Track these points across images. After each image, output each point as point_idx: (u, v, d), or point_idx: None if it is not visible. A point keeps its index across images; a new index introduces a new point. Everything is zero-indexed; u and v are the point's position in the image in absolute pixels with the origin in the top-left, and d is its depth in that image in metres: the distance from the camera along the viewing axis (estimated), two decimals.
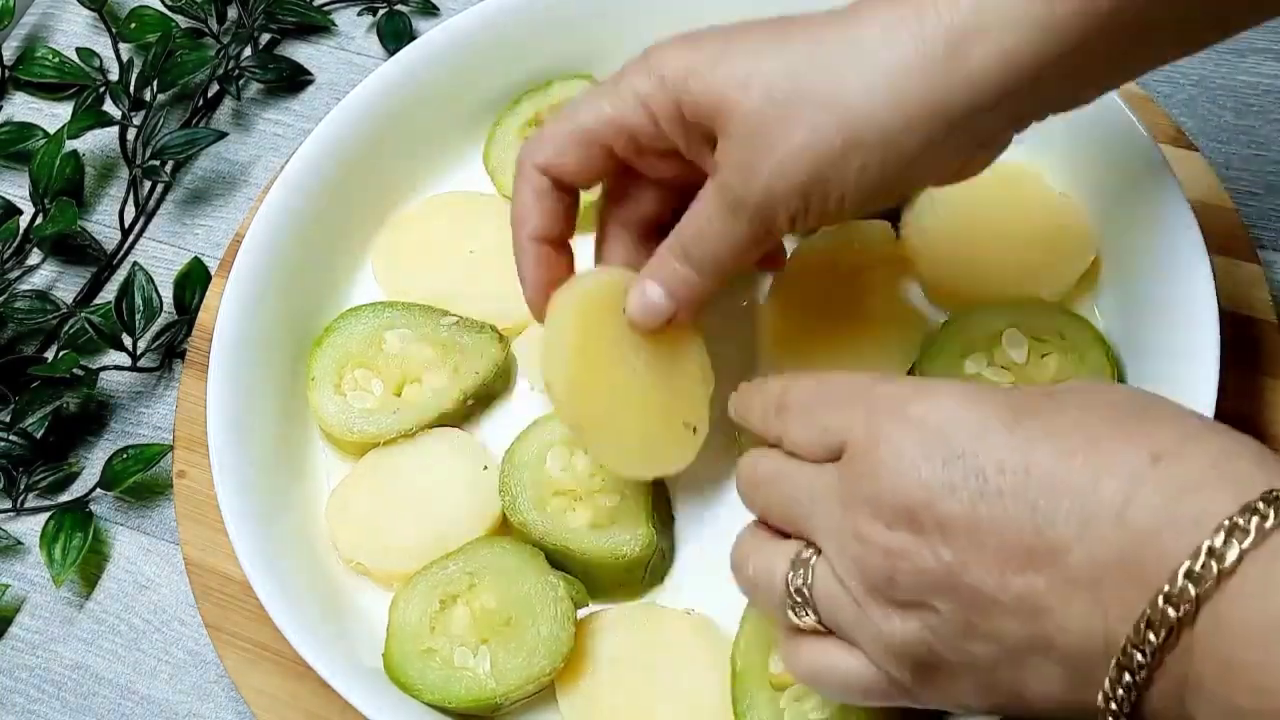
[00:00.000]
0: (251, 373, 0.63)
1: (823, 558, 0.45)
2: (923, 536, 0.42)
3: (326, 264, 0.68)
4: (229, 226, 0.77)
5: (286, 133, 0.80)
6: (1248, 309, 0.65)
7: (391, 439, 0.63)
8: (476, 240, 0.68)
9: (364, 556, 0.61)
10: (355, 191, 0.69)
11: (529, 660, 0.56)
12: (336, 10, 0.84)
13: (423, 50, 0.70)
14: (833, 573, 0.44)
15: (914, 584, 0.42)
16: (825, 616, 0.45)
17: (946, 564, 0.41)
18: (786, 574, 0.46)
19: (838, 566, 0.44)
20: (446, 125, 0.71)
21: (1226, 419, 0.55)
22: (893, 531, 0.42)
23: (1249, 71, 0.74)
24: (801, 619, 0.46)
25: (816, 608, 0.45)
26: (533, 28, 0.71)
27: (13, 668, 0.65)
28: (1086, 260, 0.63)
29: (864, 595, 0.43)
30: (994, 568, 0.41)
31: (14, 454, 0.69)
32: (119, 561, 0.67)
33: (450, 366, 0.64)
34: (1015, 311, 0.61)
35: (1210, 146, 0.72)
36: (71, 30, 0.86)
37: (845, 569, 0.44)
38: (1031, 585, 0.40)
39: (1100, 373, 0.59)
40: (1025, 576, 0.40)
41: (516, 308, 0.66)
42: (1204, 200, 0.66)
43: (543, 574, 0.58)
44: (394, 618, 0.58)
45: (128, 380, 0.73)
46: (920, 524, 0.42)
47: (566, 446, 0.61)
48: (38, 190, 0.76)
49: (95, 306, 0.73)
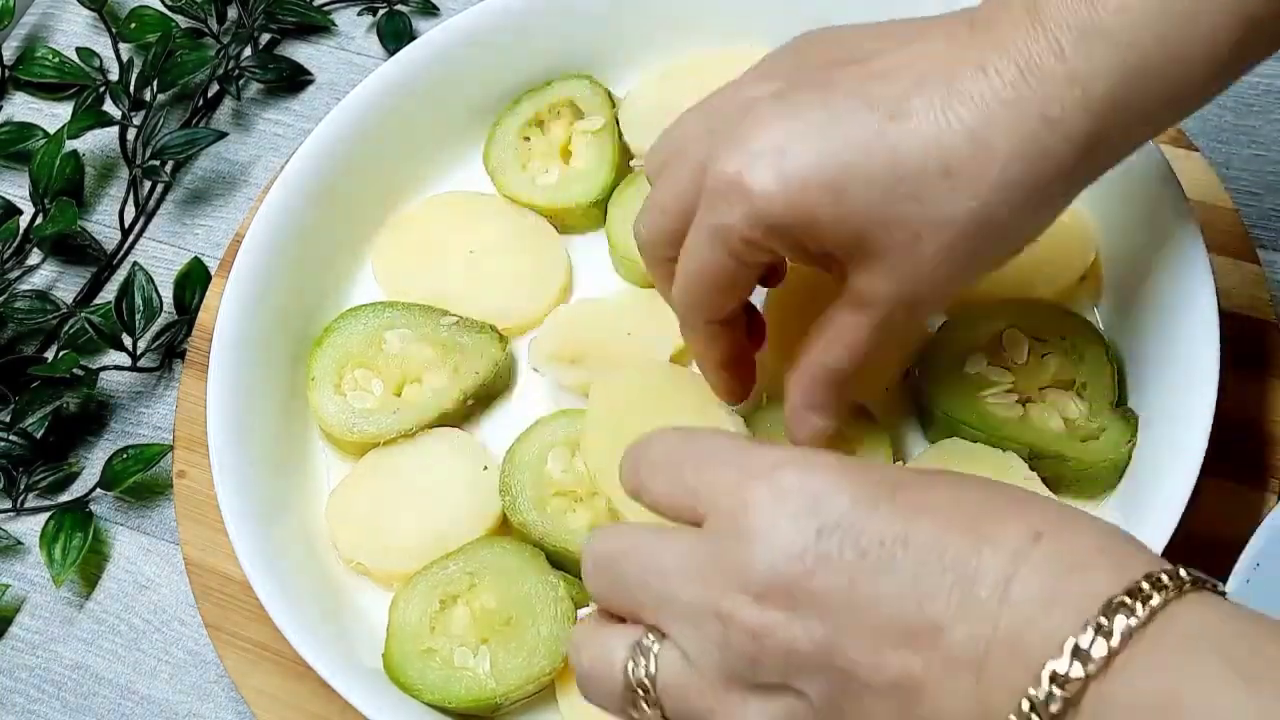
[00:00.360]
0: (251, 373, 0.63)
1: (668, 643, 0.42)
2: (795, 613, 0.39)
3: (326, 264, 0.68)
4: (229, 226, 0.77)
5: (286, 133, 0.80)
6: (1248, 309, 0.65)
7: (391, 439, 0.63)
8: (476, 240, 0.68)
9: (364, 556, 0.61)
10: (355, 191, 0.69)
11: (529, 660, 0.56)
12: (336, 10, 0.84)
13: (423, 50, 0.70)
14: (682, 658, 0.41)
15: (781, 666, 0.39)
16: (671, 708, 0.42)
17: (818, 642, 0.39)
18: (625, 663, 0.43)
19: (691, 650, 0.41)
20: (446, 125, 0.71)
21: (1227, 419, 0.55)
22: (760, 607, 0.39)
23: (1250, 71, 0.74)
24: (642, 713, 0.43)
25: (660, 700, 0.42)
26: (533, 28, 0.71)
27: (13, 668, 0.65)
28: (1087, 260, 0.63)
29: (719, 682, 0.41)
30: (870, 646, 0.38)
31: (14, 454, 0.69)
32: (119, 561, 0.67)
33: (450, 366, 0.64)
34: (1016, 311, 0.61)
35: (1211, 146, 0.71)
36: (71, 30, 0.86)
37: (700, 652, 0.41)
38: (908, 665, 0.38)
39: (1100, 373, 0.59)
40: (902, 655, 0.38)
41: (516, 308, 0.66)
42: (1204, 200, 0.66)
43: (543, 574, 0.58)
44: (394, 618, 0.58)
45: (128, 380, 0.73)
46: (793, 599, 0.39)
47: (567, 447, 0.61)
48: (38, 190, 0.76)
49: (95, 306, 0.73)
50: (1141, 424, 0.58)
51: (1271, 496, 0.60)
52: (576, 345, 0.64)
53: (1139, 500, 0.56)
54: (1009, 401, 0.59)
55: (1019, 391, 0.59)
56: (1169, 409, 0.57)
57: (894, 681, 0.38)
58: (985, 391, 0.59)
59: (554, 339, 0.64)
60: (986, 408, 0.59)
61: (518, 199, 0.69)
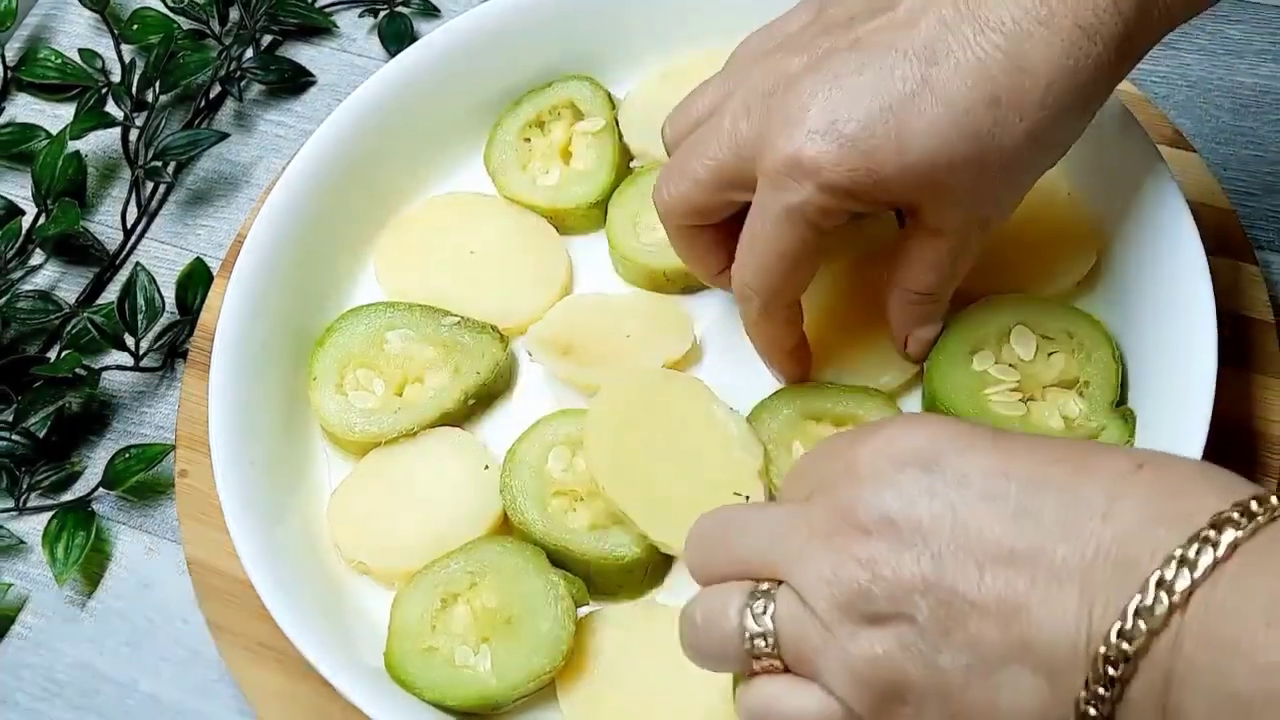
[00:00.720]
0: (253, 373, 0.63)
1: (784, 587, 0.43)
2: (901, 541, 0.41)
3: (328, 264, 0.68)
4: (231, 227, 0.77)
5: (288, 134, 0.80)
6: (1246, 309, 0.65)
7: (393, 439, 0.63)
8: (477, 240, 0.69)
9: (365, 555, 0.61)
10: (357, 192, 0.69)
11: (529, 659, 0.56)
12: (338, 12, 0.84)
13: (424, 52, 0.70)
14: (797, 598, 0.43)
15: (890, 592, 0.41)
16: (786, 646, 0.43)
17: (925, 566, 0.40)
18: (742, 608, 0.44)
19: (805, 589, 0.42)
20: (447, 126, 0.71)
21: (1224, 419, 0.55)
22: (869, 538, 0.41)
23: (1247, 72, 0.74)
24: (758, 651, 0.44)
25: (778, 639, 0.43)
26: (533, 29, 0.71)
27: (15, 666, 0.66)
28: (1088, 262, 0.63)
29: (833, 615, 0.42)
30: (973, 568, 0.40)
31: (17, 453, 0.69)
32: (121, 560, 0.68)
33: (451, 366, 0.64)
34: (1024, 309, 0.61)
35: (1208, 147, 0.72)
36: (74, 31, 0.86)
37: (814, 589, 0.42)
38: (1011, 584, 0.39)
39: (1105, 372, 0.59)
40: (1005, 575, 0.39)
41: (517, 308, 0.66)
42: (1202, 201, 0.66)
43: (543, 573, 0.58)
44: (395, 616, 0.58)
45: (130, 380, 0.73)
46: (898, 529, 0.41)
47: (568, 446, 0.61)
48: (40, 191, 0.76)
49: (98, 307, 0.73)
50: (1139, 424, 0.58)
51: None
52: (571, 336, 0.64)
53: None
54: (1012, 400, 0.59)
55: (1022, 390, 0.60)
56: (1167, 409, 0.57)
57: (999, 598, 0.39)
58: (989, 389, 0.59)
59: (551, 327, 0.65)
60: (989, 405, 0.59)
61: (518, 200, 0.70)
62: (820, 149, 0.51)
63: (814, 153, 0.51)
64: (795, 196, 0.52)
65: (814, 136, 0.51)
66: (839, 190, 0.51)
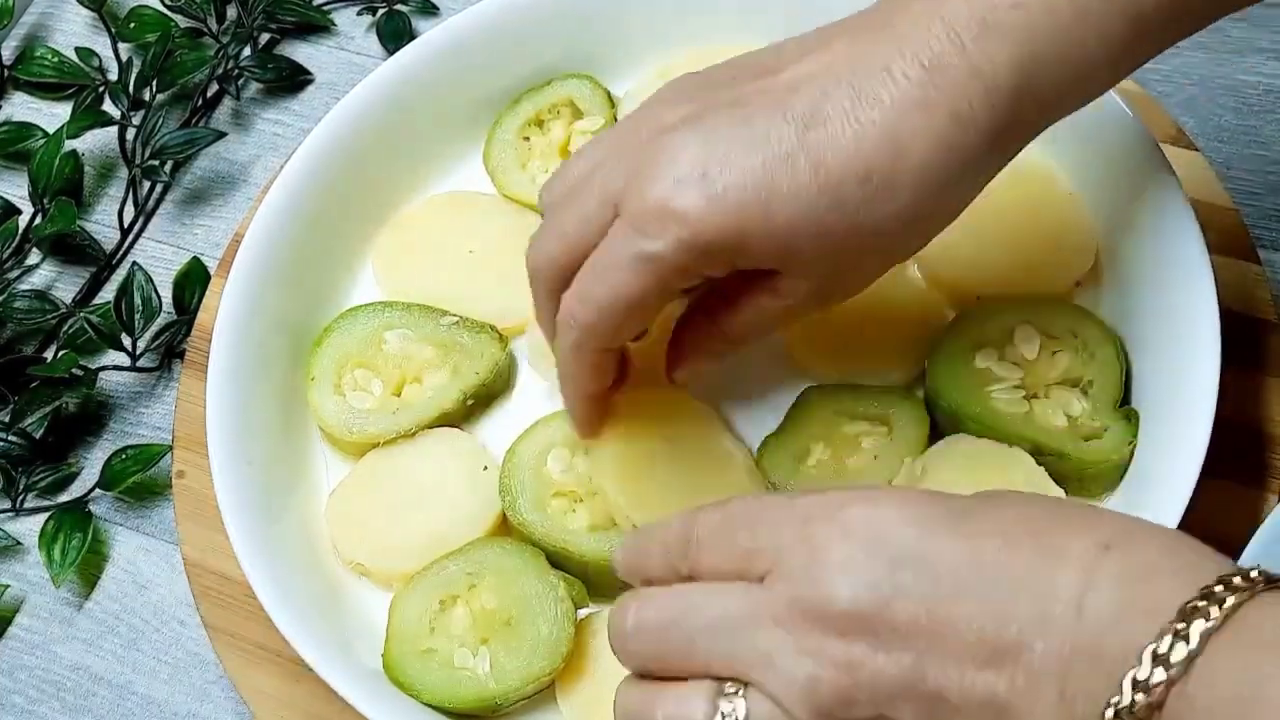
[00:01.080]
0: (251, 373, 0.63)
1: (753, 690, 0.42)
2: (879, 641, 0.40)
3: (326, 264, 0.68)
4: (228, 226, 0.77)
5: (286, 132, 0.80)
6: (1248, 309, 0.65)
7: (391, 439, 0.63)
8: (476, 240, 0.68)
9: (364, 557, 0.61)
10: (355, 191, 0.69)
11: (529, 660, 0.56)
12: (336, 10, 0.84)
13: (422, 50, 0.70)
14: (771, 704, 0.41)
15: (872, 697, 0.40)
16: None
17: (906, 670, 0.40)
18: (710, 714, 0.42)
19: (781, 695, 0.41)
20: (446, 125, 0.71)
21: (1226, 419, 0.55)
22: (846, 641, 0.40)
23: (1249, 71, 0.74)
24: None
25: None
26: (532, 27, 0.71)
27: (12, 668, 0.65)
28: (1088, 261, 0.63)
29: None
30: (955, 670, 0.39)
31: (13, 454, 0.69)
32: (118, 562, 0.67)
33: (450, 366, 0.64)
34: (1028, 308, 0.61)
35: (1210, 146, 0.72)
36: (70, 30, 0.86)
37: (791, 696, 0.41)
38: (993, 685, 0.39)
39: (1109, 372, 0.59)
40: (986, 676, 0.39)
41: (516, 307, 0.66)
42: (1204, 200, 0.66)
43: (543, 574, 0.58)
44: (394, 618, 0.58)
45: (127, 380, 0.73)
46: (875, 631, 0.40)
47: (567, 447, 0.61)
48: (37, 190, 0.75)
49: (94, 306, 0.73)
50: (1142, 423, 0.58)
51: (1271, 496, 0.60)
52: None
53: (1140, 500, 0.56)
54: (1015, 398, 0.59)
55: (1026, 388, 0.59)
56: (1170, 409, 0.57)
57: (982, 702, 0.39)
58: (992, 386, 0.59)
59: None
60: (991, 403, 0.59)
61: (518, 199, 0.69)
62: (689, 200, 0.48)
63: (682, 203, 0.48)
64: (652, 245, 0.49)
65: (682, 186, 0.48)
66: (698, 246, 0.49)
